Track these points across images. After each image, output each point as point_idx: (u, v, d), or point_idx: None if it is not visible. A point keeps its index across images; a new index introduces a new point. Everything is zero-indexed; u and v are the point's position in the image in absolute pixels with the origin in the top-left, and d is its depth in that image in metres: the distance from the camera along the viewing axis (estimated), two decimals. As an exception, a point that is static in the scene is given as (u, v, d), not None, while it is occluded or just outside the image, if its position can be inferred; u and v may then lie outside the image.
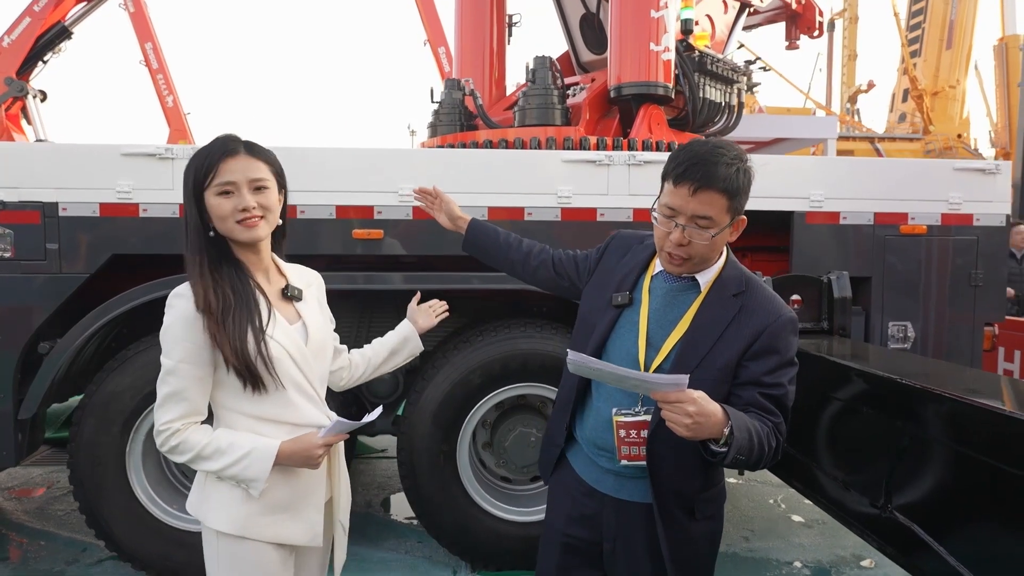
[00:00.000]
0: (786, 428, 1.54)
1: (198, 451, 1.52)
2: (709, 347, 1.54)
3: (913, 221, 3.30)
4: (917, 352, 3.32)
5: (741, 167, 1.50)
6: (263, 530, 1.57)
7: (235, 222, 1.53)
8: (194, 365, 1.52)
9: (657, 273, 1.67)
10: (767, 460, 1.48)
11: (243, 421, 1.57)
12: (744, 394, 1.52)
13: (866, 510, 2.11)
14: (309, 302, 1.71)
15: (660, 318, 1.61)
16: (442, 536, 3.20)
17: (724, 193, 1.48)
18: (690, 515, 1.61)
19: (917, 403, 1.89)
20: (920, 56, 20.31)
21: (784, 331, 1.56)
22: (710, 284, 1.60)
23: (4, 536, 3.68)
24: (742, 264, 1.69)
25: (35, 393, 2.94)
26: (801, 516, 3.97)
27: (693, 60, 3.91)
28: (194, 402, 1.53)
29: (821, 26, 5.37)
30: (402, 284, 3.08)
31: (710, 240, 1.51)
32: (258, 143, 1.60)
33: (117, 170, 2.93)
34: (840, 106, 24.19)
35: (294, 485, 1.60)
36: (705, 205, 1.48)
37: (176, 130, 10.27)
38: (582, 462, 1.73)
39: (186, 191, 1.55)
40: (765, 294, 1.61)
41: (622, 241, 1.80)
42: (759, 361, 1.53)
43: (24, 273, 2.91)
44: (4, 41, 7.65)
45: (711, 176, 1.46)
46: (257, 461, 1.52)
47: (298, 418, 1.60)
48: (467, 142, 3.83)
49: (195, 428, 1.54)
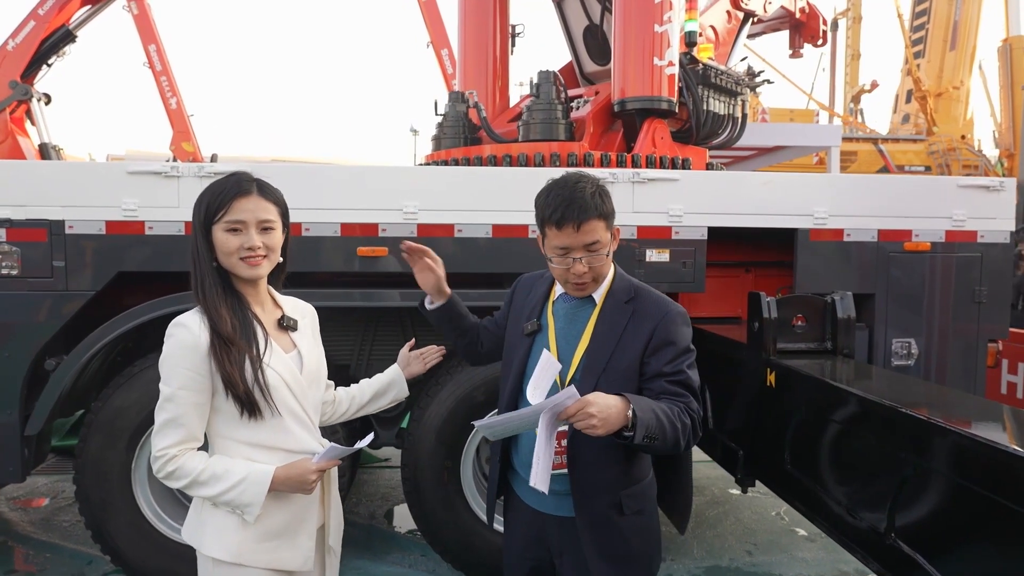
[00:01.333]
0: (698, 407, 1.67)
1: (194, 476, 1.54)
2: (611, 352, 1.70)
3: (917, 238, 3.31)
4: (920, 369, 3.32)
5: (599, 190, 1.69)
6: (258, 556, 1.60)
7: (239, 259, 1.58)
8: (193, 392, 1.54)
9: (558, 297, 1.84)
10: (686, 437, 1.62)
11: (238, 448, 1.59)
12: (653, 386, 1.67)
13: (869, 536, 2.11)
14: (304, 332, 1.75)
15: (566, 335, 1.78)
16: (446, 551, 3.22)
17: (600, 218, 1.67)
18: (618, 512, 1.71)
19: (921, 434, 1.89)
20: (924, 57, 20.25)
21: (675, 323, 1.72)
22: (603, 296, 1.77)
23: (10, 548, 3.70)
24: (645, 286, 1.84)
25: (42, 409, 2.96)
26: (804, 530, 3.98)
27: (697, 73, 3.91)
28: (191, 429, 1.56)
29: (825, 35, 5.36)
30: (405, 301, 3.09)
31: (605, 259, 1.71)
32: (269, 183, 1.66)
33: (123, 188, 2.94)
34: (843, 106, 24.14)
35: (288, 511, 1.63)
36: (591, 234, 1.67)
37: (179, 132, 10.26)
38: (523, 488, 1.82)
39: (196, 222, 1.59)
40: (653, 296, 1.78)
41: (525, 282, 1.98)
42: (658, 355, 1.69)
43: (31, 290, 2.93)
44: (9, 44, 7.65)
45: (585, 209, 1.65)
46: (252, 486, 1.55)
47: (293, 444, 1.64)
48: (471, 157, 3.84)
49: (191, 454, 1.56)
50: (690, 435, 1.64)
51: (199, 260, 1.59)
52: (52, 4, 7.68)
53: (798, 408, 2.56)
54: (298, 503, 1.64)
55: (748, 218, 3.23)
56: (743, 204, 3.23)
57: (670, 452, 1.63)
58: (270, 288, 1.74)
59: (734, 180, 3.42)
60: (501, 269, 3.13)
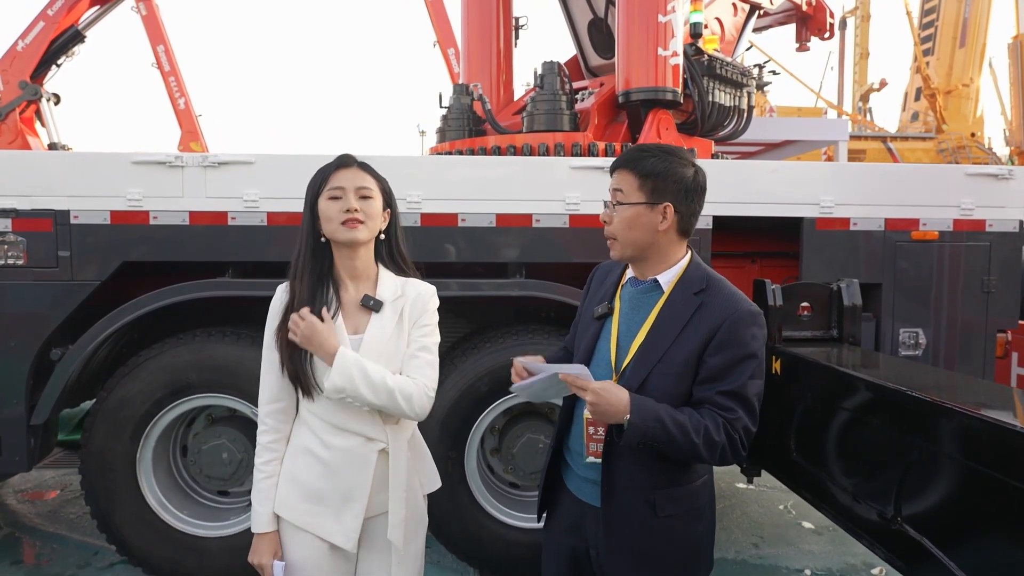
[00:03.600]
0: (751, 422, 1.57)
1: (256, 464, 1.76)
2: (668, 344, 1.61)
3: (924, 227, 3.27)
4: (928, 359, 3.29)
5: (659, 157, 1.65)
6: (295, 515, 1.72)
7: (339, 223, 1.67)
8: (271, 351, 1.73)
9: (627, 281, 1.78)
10: (715, 453, 1.54)
11: (304, 416, 1.75)
12: (701, 393, 1.58)
13: (875, 521, 2.09)
14: (387, 315, 1.73)
15: (628, 321, 1.71)
16: (450, 542, 3.21)
17: (632, 171, 1.64)
18: (651, 511, 1.63)
19: (927, 416, 1.87)
20: (933, 54, 20.15)
21: (742, 323, 1.59)
22: (672, 284, 1.68)
23: (17, 539, 3.72)
24: (708, 265, 1.80)
25: (47, 399, 2.97)
26: (811, 523, 3.95)
27: (702, 64, 3.89)
28: (272, 389, 1.73)
29: (832, 27, 5.33)
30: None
31: (624, 217, 1.65)
32: (371, 166, 1.79)
33: (128, 178, 2.95)
34: (852, 105, 24.03)
35: (332, 482, 1.70)
36: (616, 181, 1.68)
37: (188, 132, 10.33)
38: (569, 474, 1.82)
39: (306, 201, 1.74)
40: (725, 291, 1.66)
41: (603, 268, 1.94)
42: (718, 355, 1.58)
43: (36, 280, 2.94)
44: (19, 45, 7.72)
45: (623, 159, 1.67)
46: (254, 518, 1.75)
47: (340, 422, 1.70)
48: (475, 148, 3.83)
49: (265, 447, 1.75)
50: (725, 451, 1.54)
51: (303, 236, 1.73)
52: (61, 5, 7.73)
53: (804, 396, 2.54)
54: (344, 480, 1.70)
55: (754, 207, 3.20)
56: (749, 193, 3.21)
57: (690, 460, 1.60)
58: (381, 267, 1.79)
59: (740, 169, 3.40)
60: (505, 259, 3.12)
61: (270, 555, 1.70)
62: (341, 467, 1.70)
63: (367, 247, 1.74)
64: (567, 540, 1.80)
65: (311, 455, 1.71)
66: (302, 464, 1.72)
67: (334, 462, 1.70)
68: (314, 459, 1.70)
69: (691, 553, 1.70)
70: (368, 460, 1.72)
